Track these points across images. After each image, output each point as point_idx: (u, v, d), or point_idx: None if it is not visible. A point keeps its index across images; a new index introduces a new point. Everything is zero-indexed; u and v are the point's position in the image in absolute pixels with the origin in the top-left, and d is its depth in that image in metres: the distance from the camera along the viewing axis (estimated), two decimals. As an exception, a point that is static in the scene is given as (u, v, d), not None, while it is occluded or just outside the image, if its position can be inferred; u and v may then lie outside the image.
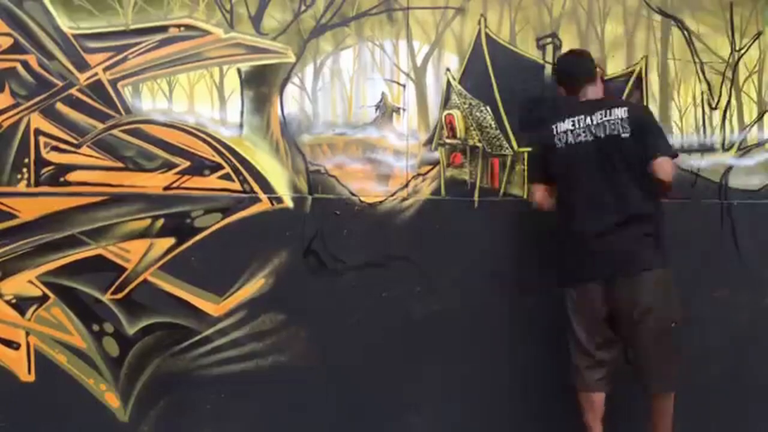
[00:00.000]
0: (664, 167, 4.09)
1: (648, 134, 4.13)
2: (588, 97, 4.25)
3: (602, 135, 4.13)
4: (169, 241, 4.38)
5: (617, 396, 4.22)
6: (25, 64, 4.32)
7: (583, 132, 4.16)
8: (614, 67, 4.63)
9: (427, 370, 4.48)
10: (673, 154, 4.17)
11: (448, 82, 4.55)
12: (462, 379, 4.50)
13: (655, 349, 4.11)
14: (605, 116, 4.14)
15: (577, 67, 4.30)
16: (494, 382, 4.48)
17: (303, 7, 4.47)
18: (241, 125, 4.45)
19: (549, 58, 4.59)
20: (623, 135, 4.11)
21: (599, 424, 4.19)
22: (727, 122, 4.66)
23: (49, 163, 4.35)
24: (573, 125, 4.18)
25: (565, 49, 4.56)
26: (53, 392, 4.35)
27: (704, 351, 4.57)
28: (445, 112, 4.55)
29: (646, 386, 4.18)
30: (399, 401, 4.50)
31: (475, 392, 4.50)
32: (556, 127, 4.22)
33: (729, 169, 4.65)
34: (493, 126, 4.55)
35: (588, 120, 4.16)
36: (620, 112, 4.13)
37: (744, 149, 4.66)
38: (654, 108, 4.61)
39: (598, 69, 4.31)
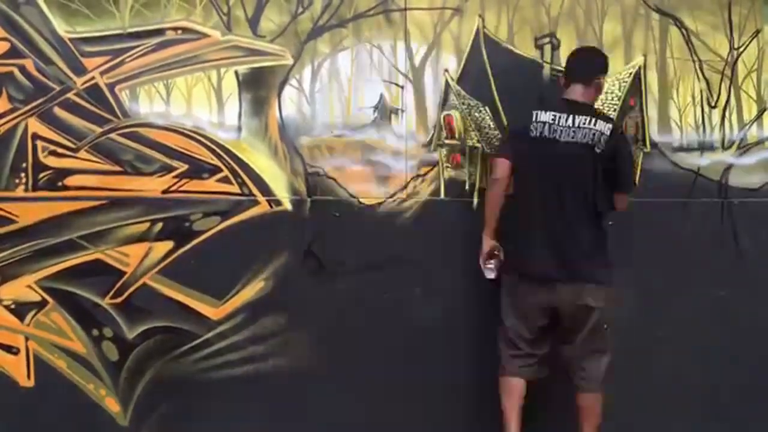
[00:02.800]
0: (622, 204, 4.24)
1: (621, 164, 4.18)
2: (575, 98, 4.20)
3: (579, 140, 4.10)
4: (168, 244, 4.38)
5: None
6: (22, 69, 4.32)
7: (561, 130, 4.12)
8: (613, 66, 4.60)
9: (427, 370, 4.47)
10: (631, 190, 4.30)
11: (447, 82, 4.53)
12: (462, 379, 4.49)
13: (586, 349, 4.16)
14: (588, 123, 4.11)
15: (579, 62, 4.27)
16: (494, 382, 4.46)
17: (300, 9, 4.46)
18: (239, 128, 4.44)
19: (547, 57, 4.57)
20: (597, 150, 4.10)
21: (517, 412, 4.20)
22: (726, 121, 4.65)
23: (47, 168, 4.34)
24: (553, 119, 4.13)
25: (563, 49, 4.55)
26: (53, 397, 4.35)
27: (704, 350, 4.56)
28: (444, 113, 4.54)
29: (577, 385, 4.21)
30: (399, 403, 4.49)
31: (474, 392, 4.48)
32: (536, 115, 4.16)
33: (729, 167, 4.63)
34: (492, 126, 4.54)
35: (569, 120, 4.12)
36: (603, 127, 4.12)
37: (744, 147, 4.65)
38: (653, 107, 4.61)
39: (600, 80, 4.26)
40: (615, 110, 4.55)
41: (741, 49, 4.63)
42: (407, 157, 4.51)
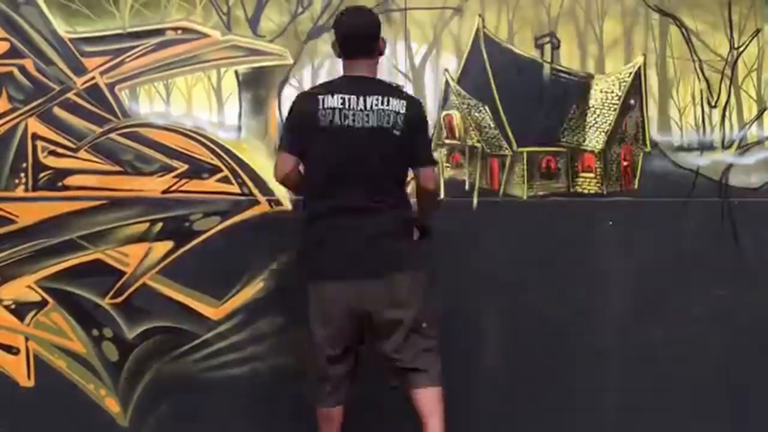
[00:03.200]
0: (430, 183, 3.91)
1: (418, 137, 3.86)
2: (361, 73, 3.83)
3: (374, 125, 3.75)
4: (168, 244, 4.38)
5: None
6: (22, 69, 4.32)
7: (353, 116, 3.74)
8: (613, 66, 4.61)
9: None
10: (435, 162, 3.99)
11: (447, 82, 4.53)
12: (462, 380, 4.48)
13: (407, 347, 3.85)
14: (380, 104, 3.75)
15: (356, 33, 3.83)
16: (494, 382, 4.47)
17: (300, 9, 4.46)
18: (239, 128, 4.44)
19: (547, 57, 4.57)
20: (395, 132, 3.76)
21: None
22: (726, 120, 4.64)
23: (47, 168, 4.34)
24: (342, 104, 3.75)
25: (563, 48, 4.55)
26: (53, 397, 4.35)
27: (704, 350, 4.56)
28: (444, 113, 4.54)
29: (411, 381, 3.88)
30: (398, 403, 4.48)
31: (474, 392, 4.48)
32: (323, 101, 3.76)
33: (729, 167, 4.63)
34: (492, 126, 4.54)
35: (361, 103, 3.75)
36: (398, 105, 3.77)
37: (744, 147, 4.64)
38: (653, 106, 4.61)
39: (382, 41, 3.91)
40: (615, 110, 4.56)
41: (741, 49, 4.63)
42: (407, 156, 4.49)
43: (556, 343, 4.46)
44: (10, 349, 4.37)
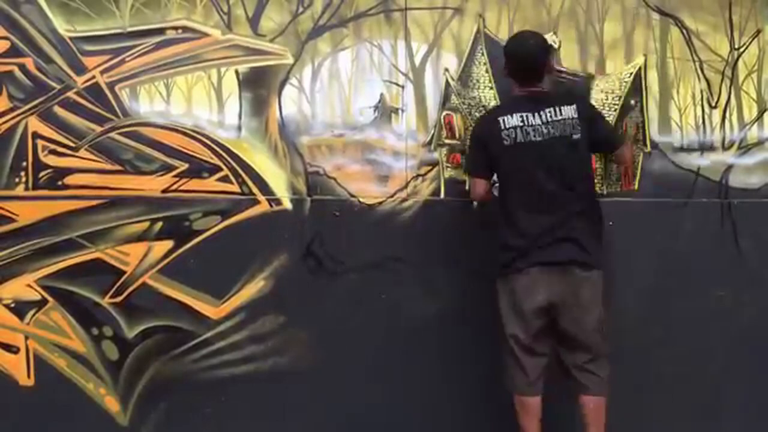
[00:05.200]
0: (626, 156, 4.30)
1: (599, 126, 4.12)
2: (533, 90, 4.10)
3: (553, 135, 4.01)
4: (168, 244, 4.38)
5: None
6: (23, 68, 4.32)
7: (533, 130, 4.02)
8: (614, 66, 4.61)
9: (426, 371, 4.47)
10: (624, 141, 4.29)
11: (447, 82, 4.53)
12: (462, 380, 4.49)
13: (591, 347, 4.03)
14: (555, 115, 4.02)
15: (526, 54, 4.10)
16: (494, 382, 4.46)
17: (301, 9, 4.46)
18: (239, 127, 4.44)
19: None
20: (574, 136, 4.02)
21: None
22: (726, 121, 4.65)
23: (47, 167, 4.34)
24: (522, 121, 4.02)
25: (564, 49, 4.54)
26: (52, 396, 4.35)
27: (704, 350, 4.56)
28: (444, 113, 4.54)
29: (582, 387, 4.07)
30: (399, 403, 4.49)
31: (474, 393, 4.48)
32: (503, 122, 4.04)
33: (729, 167, 4.63)
34: (492, 126, 4.53)
35: (537, 118, 4.02)
36: (570, 111, 4.03)
37: (744, 148, 4.65)
38: (654, 107, 4.61)
39: (550, 62, 4.17)
40: (615, 110, 4.55)
41: (741, 50, 4.63)
42: (407, 156, 4.50)
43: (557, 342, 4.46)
44: (10, 348, 4.37)
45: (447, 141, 4.53)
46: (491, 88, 4.53)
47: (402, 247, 4.45)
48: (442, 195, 4.51)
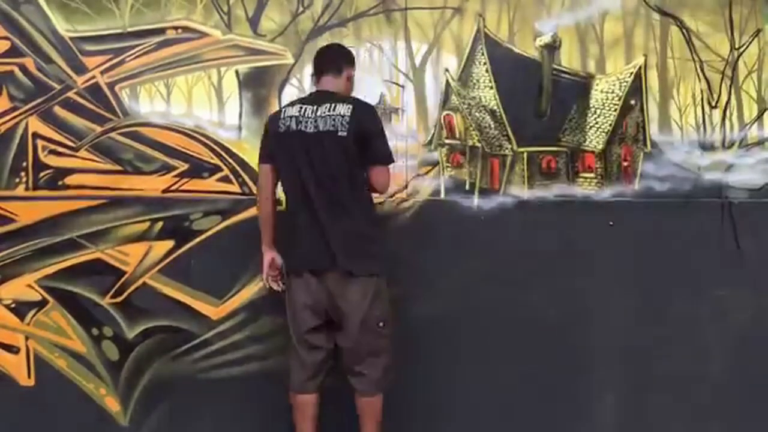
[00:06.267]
0: (379, 180, 4.06)
1: (369, 139, 4.00)
2: (324, 88, 4.09)
3: (321, 128, 3.95)
4: (168, 244, 4.38)
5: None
6: (23, 68, 4.33)
7: (306, 121, 3.97)
8: (614, 66, 4.61)
9: (426, 371, 4.47)
10: (390, 161, 4.09)
11: (447, 82, 4.53)
12: (462, 380, 4.49)
13: (359, 348, 4.02)
14: (329, 110, 3.97)
15: (327, 56, 4.15)
16: (494, 382, 4.46)
17: (301, 9, 4.46)
18: (239, 127, 4.45)
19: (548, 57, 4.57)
20: (340, 133, 3.94)
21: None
22: (727, 120, 4.64)
23: (48, 167, 4.35)
24: (299, 112, 4.00)
25: (564, 48, 4.54)
26: (53, 396, 4.35)
27: (704, 350, 4.56)
28: (444, 113, 4.54)
29: (356, 388, 4.10)
30: (399, 403, 4.48)
31: (475, 393, 4.48)
32: (284, 111, 4.05)
33: (729, 167, 4.63)
34: (493, 126, 4.54)
35: (314, 110, 3.99)
36: (343, 109, 3.96)
37: (744, 147, 4.64)
38: (654, 107, 4.60)
39: (350, 71, 4.14)
40: (615, 110, 4.55)
41: (742, 49, 4.63)
42: (407, 156, 4.50)
43: (556, 343, 4.46)
44: (11, 348, 4.38)
45: (447, 141, 4.53)
46: (491, 88, 4.53)
47: (402, 247, 4.44)
48: (442, 195, 4.51)
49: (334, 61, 4.12)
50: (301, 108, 4.01)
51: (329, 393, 4.12)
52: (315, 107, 4.00)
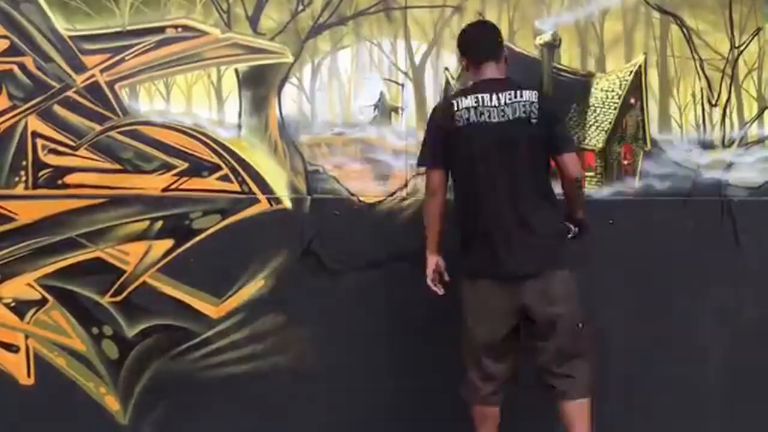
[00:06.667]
0: (576, 165, 3.95)
1: (554, 124, 3.92)
2: (488, 76, 3.95)
3: (511, 116, 3.84)
4: (168, 242, 4.38)
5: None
6: (22, 67, 4.32)
7: (488, 111, 3.85)
8: (614, 64, 4.61)
9: (427, 371, 4.47)
10: (577, 150, 4.06)
11: (447, 81, 4.53)
12: (463, 380, 4.49)
13: (568, 351, 3.92)
14: (515, 97, 3.86)
15: (481, 41, 4.00)
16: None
17: (300, 7, 4.46)
18: (239, 126, 4.44)
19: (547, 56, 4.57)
20: (532, 120, 3.84)
21: None
22: (727, 119, 4.64)
23: (47, 166, 4.34)
24: (476, 102, 3.87)
25: (564, 46, 4.54)
26: (53, 395, 4.35)
27: (704, 350, 4.56)
28: (444, 112, 4.52)
29: (561, 392, 3.94)
30: (400, 403, 4.49)
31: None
32: (456, 103, 3.90)
33: (729, 166, 4.63)
34: (492, 125, 4.53)
35: (495, 98, 3.86)
36: (530, 95, 3.86)
37: (744, 146, 4.64)
38: (654, 105, 4.60)
39: (504, 52, 4.03)
40: (615, 108, 4.56)
41: (742, 48, 4.63)
42: (407, 155, 4.50)
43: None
44: (10, 347, 4.37)
45: (447, 140, 4.52)
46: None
47: (402, 246, 4.45)
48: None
49: (493, 46, 3.99)
50: (477, 98, 3.87)
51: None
52: (494, 95, 3.86)
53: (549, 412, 4.05)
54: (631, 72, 4.59)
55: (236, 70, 4.43)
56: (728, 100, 4.63)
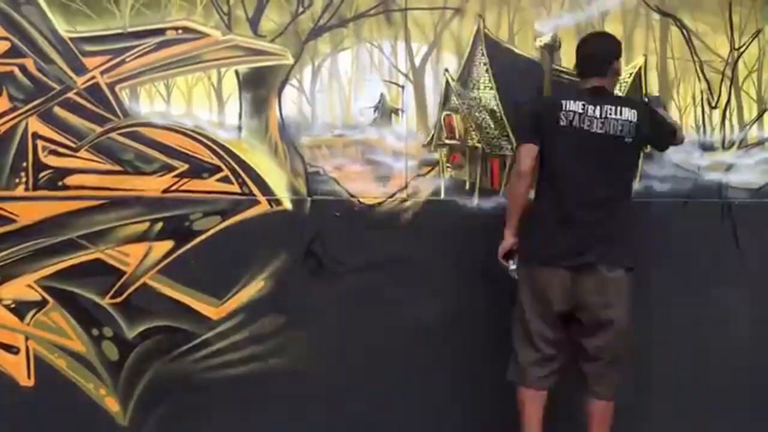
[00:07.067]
0: (678, 136, 4.31)
1: (659, 129, 4.19)
2: (595, 84, 4.10)
3: (610, 132, 4.02)
4: (168, 244, 4.38)
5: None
6: (23, 68, 4.32)
7: (591, 120, 4.02)
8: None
9: (427, 371, 4.47)
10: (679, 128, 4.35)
11: (447, 82, 4.53)
12: (463, 381, 4.49)
13: (612, 352, 4.06)
14: (616, 113, 4.04)
15: (594, 54, 4.14)
16: (495, 383, 4.46)
17: (301, 9, 4.46)
18: (239, 127, 4.44)
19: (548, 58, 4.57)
20: (627, 139, 4.04)
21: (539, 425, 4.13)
22: (726, 121, 4.65)
23: (48, 167, 4.35)
24: (583, 108, 4.03)
25: (564, 48, 4.55)
26: (53, 397, 4.35)
27: (704, 350, 4.56)
28: (444, 113, 4.54)
29: (594, 391, 4.10)
30: (400, 404, 4.49)
31: (477, 394, 4.48)
32: (565, 104, 4.05)
33: (729, 167, 4.63)
34: (492, 126, 4.54)
35: (597, 111, 4.03)
36: (630, 114, 4.04)
37: (744, 148, 4.65)
38: (653, 107, 4.61)
39: (616, 65, 4.17)
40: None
41: (742, 50, 4.63)
42: (407, 156, 4.50)
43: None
44: (10, 349, 4.37)
45: (447, 141, 4.53)
46: (491, 88, 4.53)
47: (402, 248, 4.45)
48: (442, 195, 4.51)
49: (605, 62, 4.12)
50: (584, 105, 4.03)
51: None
52: (598, 107, 4.03)
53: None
54: (631, 74, 4.59)
55: (237, 72, 4.44)
56: (728, 102, 4.64)
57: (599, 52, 4.14)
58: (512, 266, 4.13)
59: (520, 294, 4.13)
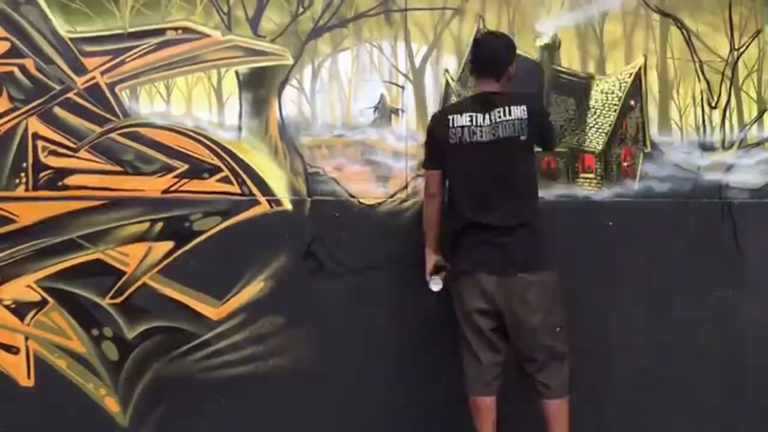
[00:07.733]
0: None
1: (544, 133, 4.12)
2: (487, 90, 4.05)
3: (501, 135, 3.97)
4: (168, 244, 4.38)
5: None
6: (23, 68, 4.33)
7: (480, 130, 3.99)
8: (614, 66, 4.61)
9: (427, 371, 4.47)
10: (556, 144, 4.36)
11: (447, 83, 4.53)
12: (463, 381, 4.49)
13: (545, 351, 4.03)
14: (504, 114, 3.98)
15: (489, 54, 4.08)
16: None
17: (301, 9, 4.47)
18: (239, 128, 4.44)
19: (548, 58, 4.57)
20: (522, 137, 3.97)
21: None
22: (726, 121, 4.65)
23: (48, 168, 4.35)
24: (470, 121, 4.00)
25: (564, 49, 4.55)
26: (53, 397, 4.35)
27: (704, 351, 4.56)
28: (444, 114, 4.53)
29: (540, 392, 4.08)
30: (400, 404, 4.49)
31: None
32: (452, 120, 4.03)
33: (729, 168, 4.63)
34: (492, 127, 4.53)
35: (486, 118, 3.99)
36: (519, 112, 3.97)
37: (744, 148, 4.65)
38: (654, 107, 4.60)
39: (512, 67, 4.10)
40: (615, 110, 4.56)
41: (741, 50, 4.63)
42: (407, 157, 4.50)
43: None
44: (10, 349, 4.37)
45: (447, 141, 4.53)
46: (491, 88, 4.53)
47: (402, 248, 4.45)
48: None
49: (496, 63, 4.07)
50: (471, 117, 4.01)
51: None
52: (487, 114, 4.00)
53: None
54: (630, 74, 4.59)
55: (237, 72, 4.44)
56: (728, 102, 4.63)
57: (494, 56, 4.08)
58: (436, 286, 4.14)
59: (455, 307, 4.14)
